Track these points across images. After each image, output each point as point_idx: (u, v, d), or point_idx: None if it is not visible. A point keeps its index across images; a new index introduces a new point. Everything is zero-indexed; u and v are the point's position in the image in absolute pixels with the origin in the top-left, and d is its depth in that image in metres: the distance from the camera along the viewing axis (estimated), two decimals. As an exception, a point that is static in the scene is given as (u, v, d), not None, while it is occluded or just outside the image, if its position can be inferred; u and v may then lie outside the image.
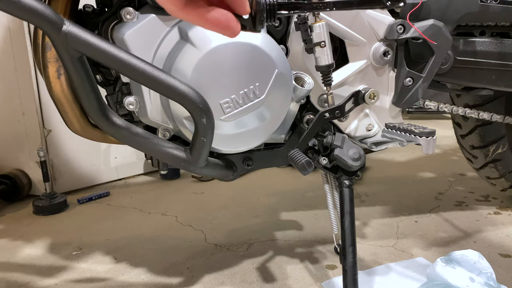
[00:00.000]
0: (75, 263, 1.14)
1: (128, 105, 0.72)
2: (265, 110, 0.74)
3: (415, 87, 0.85)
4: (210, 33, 0.69)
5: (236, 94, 0.71)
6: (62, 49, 0.56)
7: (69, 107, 0.79)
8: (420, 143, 0.66)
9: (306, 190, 1.63)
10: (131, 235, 1.29)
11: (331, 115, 0.74)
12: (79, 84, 0.61)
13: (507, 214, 1.34)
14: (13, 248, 1.24)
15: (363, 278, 0.99)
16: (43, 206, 1.48)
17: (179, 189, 1.71)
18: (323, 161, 0.82)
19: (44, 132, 1.59)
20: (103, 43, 0.57)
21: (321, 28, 0.72)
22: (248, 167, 0.83)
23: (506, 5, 0.90)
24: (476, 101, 1.24)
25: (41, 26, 0.53)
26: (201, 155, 0.68)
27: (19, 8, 0.51)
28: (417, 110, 2.78)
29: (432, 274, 0.87)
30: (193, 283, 1.01)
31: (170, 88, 0.60)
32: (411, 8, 0.82)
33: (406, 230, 1.25)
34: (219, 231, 1.29)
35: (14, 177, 1.58)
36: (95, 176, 1.75)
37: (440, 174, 1.75)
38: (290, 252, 1.15)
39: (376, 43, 0.83)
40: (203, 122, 0.63)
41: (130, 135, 0.67)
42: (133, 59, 0.59)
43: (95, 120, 0.66)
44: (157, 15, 0.70)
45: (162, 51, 0.71)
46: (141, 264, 1.11)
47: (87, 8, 0.82)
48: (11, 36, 1.53)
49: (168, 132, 0.77)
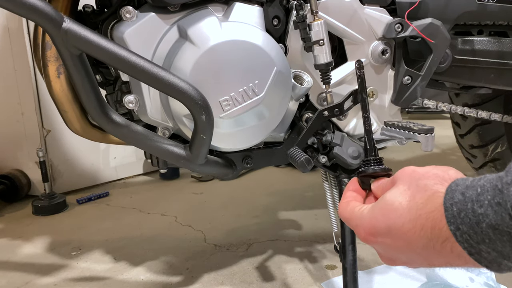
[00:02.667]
0: (75, 263, 1.14)
1: (128, 103, 0.72)
2: (264, 108, 0.74)
3: (413, 85, 0.85)
4: (208, 31, 0.69)
5: (235, 92, 0.71)
6: (62, 47, 0.56)
7: (69, 106, 0.79)
8: (419, 140, 0.66)
9: (306, 190, 1.63)
10: (131, 235, 1.29)
11: (330, 113, 0.74)
12: (79, 82, 0.61)
13: (507, 213, 1.34)
14: (13, 248, 1.23)
15: (363, 278, 0.99)
16: (42, 206, 1.47)
17: (178, 189, 1.71)
18: (322, 159, 0.82)
19: (43, 132, 1.59)
20: (103, 40, 0.57)
21: (319, 27, 0.72)
22: (247, 165, 0.83)
23: (503, 4, 0.90)
24: (475, 100, 1.24)
25: (41, 23, 0.54)
26: (200, 152, 0.68)
27: (20, 5, 0.51)
28: (417, 110, 2.78)
29: (432, 274, 0.87)
30: (192, 283, 1.01)
31: (170, 85, 0.61)
32: (409, 7, 0.82)
33: (405, 230, 1.25)
34: (218, 231, 1.29)
35: (13, 177, 1.58)
36: (95, 176, 1.75)
37: (439, 174, 1.75)
38: (289, 252, 1.15)
39: (375, 41, 0.83)
40: (202, 119, 0.64)
41: (130, 133, 0.67)
42: (133, 56, 0.59)
43: (95, 118, 0.66)
44: (156, 14, 0.70)
45: (161, 49, 0.71)
46: (140, 264, 1.11)
47: (87, 8, 0.83)
48: (10, 36, 1.54)
49: (168, 131, 0.77)
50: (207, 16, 0.71)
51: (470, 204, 0.33)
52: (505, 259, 0.33)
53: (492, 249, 0.32)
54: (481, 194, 0.32)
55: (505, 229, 0.31)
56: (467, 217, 0.33)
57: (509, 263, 0.33)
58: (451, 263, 0.37)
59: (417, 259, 0.39)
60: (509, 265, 0.33)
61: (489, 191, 0.32)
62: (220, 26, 0.70)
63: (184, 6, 0.72)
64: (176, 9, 0.71)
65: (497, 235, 0.32)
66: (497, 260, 0.33)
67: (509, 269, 0.33)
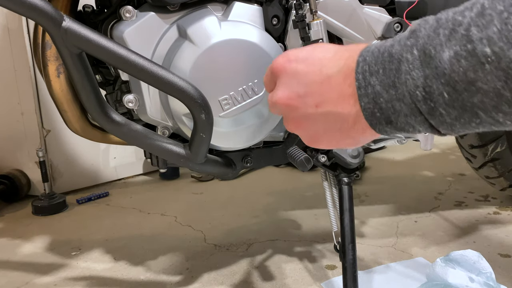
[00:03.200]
0: (74, 263, 1.14)
1: (128, 103, 0.72)
2: (263, 107, 0.74)
3: (413, 85, 0.85)
4: (208, 31, 0.70)
5: (235, 91, 0.71)
6: (61, 46, 0.56)
7: (68, 106, 0.79)
8: (418, 139, 0.66)
9: (305, 190, 1.63)
10: (131, 235, 1.29)
11: (330, 112, 0.74)
12: (79, 81, 0.61)
13: (507, 214, 1.34)
14: (13, 248, 1.23)
15: (363, 278, 0.99)
16: (42, 206, 1.47)
17: (178, 189, 1.71)
18: (321, 158, 0.82)
19: (43, 132, 1.59)
20: (103, 39, 0.57)
21: (318, 26, 0.72)
22: (247, 164, 0.83)
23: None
24: (474, 100, 1.24)
25: (41, 22, 0.54)
26: (200, 151, 0.68)
27: (20, 4, 0.51)
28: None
29: (432, 274, 0.87)
30: (192, 283, 1.01)
31: (169, 84, 0.61)
32: (408, 6, 0.82)
33: (405, 230, 1.25)
34: (218, 231, 1.29)
35: (13, 177, 1.58)
36: (94, 176, 1.75)
37: (439, 174, 1.75)
38: (289, 252, 1.14)
39: (374, 41, 0.83)
40: (202, 118, 0.64)
41: (130, 132, 0.67)
42: (133, 55, 0.59)
43: (95, 117, 0.66)
44: (156, 13, 0.70)
45: (161, 48, 0.71)
46: (140, 264, 1.11)
47: (87, 8, 0.83)
48: (10, 36, 1.54)
49: (167, 130, 0.77)
50: (206, 15, 0.71)
51: (383, 45, 0.34)
52: (385, 90, 0.33)
53: (379, 81, 0.33)
54: (395, 38, 0.34)
55: (397, 56, 0.32)
56: (376, 49, 0.34)
57: (387, 99, 0.33)
58: (343, 105, 0.36)
59: (327, 114, 0.38)
60: (386, 100, 0.33)
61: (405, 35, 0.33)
62: (219, 25, 0.70)
63: (184, 6, 0.72)
64: (175, 9, 0.72)
65: (387, 63, 0.33)
66: (377, 93, 0.33)
67: (382, 109, 0.34)
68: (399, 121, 0.33)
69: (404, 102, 0.32)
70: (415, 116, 0.32)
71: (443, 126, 0.32)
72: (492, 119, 0.29)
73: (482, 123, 0.30)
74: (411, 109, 0.32)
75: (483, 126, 0.30)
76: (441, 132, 0.33)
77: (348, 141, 0.39)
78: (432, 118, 0.31)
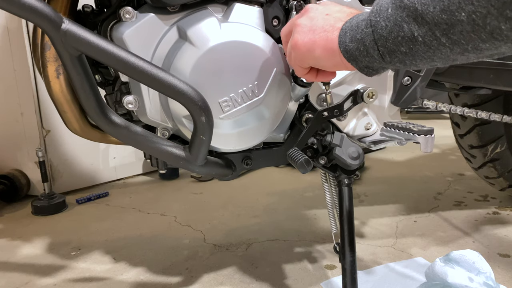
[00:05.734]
0: (74, 263, 1.14)
1: (127, 104, 0.72)
2: (264, 108, 0.74)
3: (413, 86, 0.85)
4: (208, 32, 0.69)
5: (235, 93, 0.71)
6: (61, 48, 0.56)
7: (68, 107, 0.79)
8: (419, 141, 0.66)
9: (305, 190, 1.63)
10: (130, 235, 1.29)
11: (330, 114, 0.74)
12: (78, 83, 0.61)
13: (506, 213, 1.35)
14: (12, 248, 1.23)
15: (362, 278, 0.99)
16: (42, 207, 1.47)
17: (178, 189, 1.71)
18: (322, 160, 0.82)
19: (42, 132, 1.59)
20: (102, 41, 0.57)
21: (319, 27, 0.72)
22: (247, 166, 0.83)
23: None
24: (474, 100, 1.24)
25: (40, 24, 0.53)
26: (200, 153, 0.68)
27: (19, 6, 0.51)
28: (416, 110, 2.79)
29: (431, 274, 0.87)
30: (192, 283, 1.01)
31: (169, 86, 0.61)
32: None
33: (405, 230, 1.25)
34: (218, 231, 1.29)
35: (13, 177, 1.58)
36: (94, 176, 1.75)
37: (439, 174, 1.76)
38: (289, 252, 1.15)
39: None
40: (202, 120, 0.64)
41: (129, 134, 0.67)
42: (132, 57, 0.59)
43: (94, 119, 0.66)
44: (156, 14, 0.70)
45: (161, 50, 0.71)
46: (140, 264, 1.11)
47: (86, 8, 0.83)
48: (9, 36, 1.54)
49: (167, 131, 0.77)
50: (206, 16, 0.71)
51: (358, 18, 0.53)
52: (351, 32, 0.53)
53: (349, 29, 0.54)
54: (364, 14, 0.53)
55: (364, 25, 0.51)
56: (356, 17, 0.54)
57: (351, 35, 0.53)
58: (331, 48, 0.56)
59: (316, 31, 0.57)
60: (351, 36, 0.53)
61: None
62: (219, 27, 0.70)
63: (184, 7, 0.71)
64: (175, 10, 0.71)
65: (354, 31, 0.52)
66: (347, 30, 0.54)
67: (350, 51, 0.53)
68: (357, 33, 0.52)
69: (360, 31, 0.52)
70: (367, 28, 0.50)
71: (381, 41, 0.49)
72: None
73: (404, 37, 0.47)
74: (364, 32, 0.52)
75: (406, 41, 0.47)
76: (379, 49, 0.49)
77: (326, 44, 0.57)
78: (375, 30, 0.49)
